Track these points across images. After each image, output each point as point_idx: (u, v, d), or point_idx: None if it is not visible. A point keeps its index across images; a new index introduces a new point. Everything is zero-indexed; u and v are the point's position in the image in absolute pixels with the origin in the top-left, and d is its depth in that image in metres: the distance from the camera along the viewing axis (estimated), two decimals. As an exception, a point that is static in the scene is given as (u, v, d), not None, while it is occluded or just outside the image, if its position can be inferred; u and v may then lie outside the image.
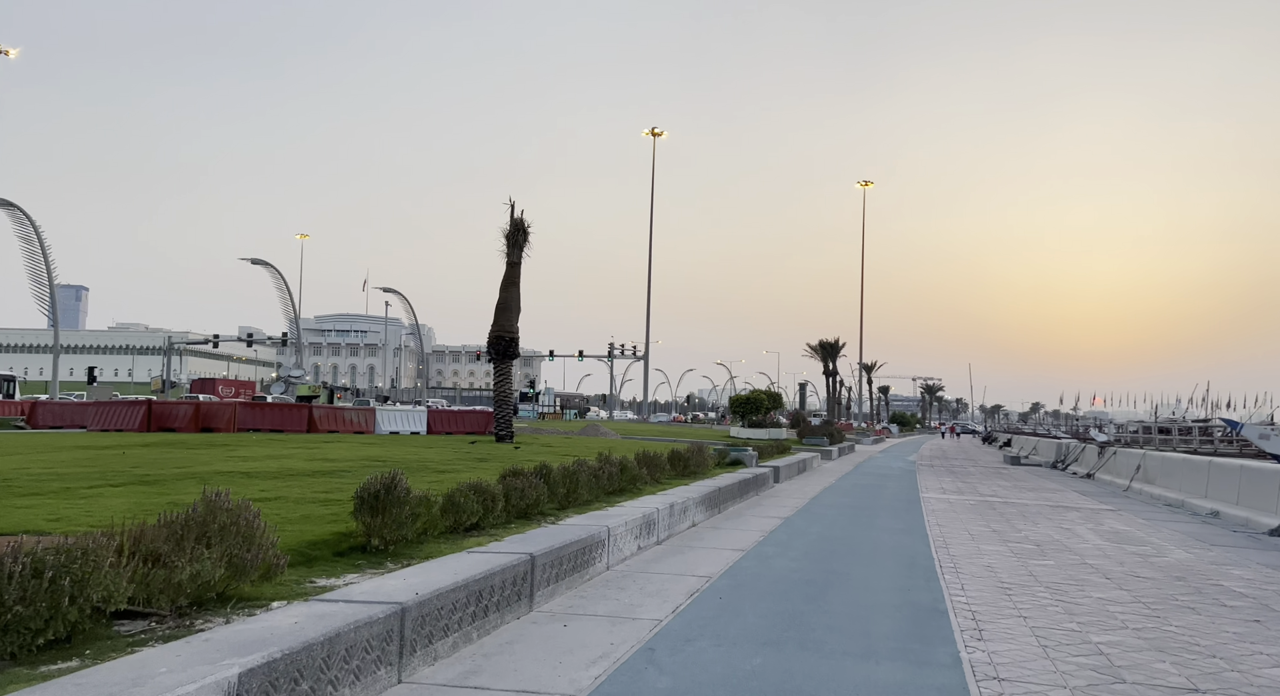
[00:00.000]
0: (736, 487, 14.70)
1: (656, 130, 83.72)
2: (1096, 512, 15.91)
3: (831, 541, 10.63)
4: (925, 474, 26.73)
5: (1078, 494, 20.43)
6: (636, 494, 11.45)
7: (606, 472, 10.75)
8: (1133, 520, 14.77)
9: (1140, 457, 22.73)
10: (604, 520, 8.50)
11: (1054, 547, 10.81)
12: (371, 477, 6.40)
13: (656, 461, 13.41)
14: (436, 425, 27.12)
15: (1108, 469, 26.19)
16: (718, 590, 7.32)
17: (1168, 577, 8.85)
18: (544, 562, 6.55)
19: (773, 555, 9.32)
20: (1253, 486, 15.45)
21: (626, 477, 11.59)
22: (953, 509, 15.50)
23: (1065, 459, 33.83)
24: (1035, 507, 16.38)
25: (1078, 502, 18.05)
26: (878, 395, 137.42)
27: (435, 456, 16.35)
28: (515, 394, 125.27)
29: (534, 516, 8.49)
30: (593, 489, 10.00)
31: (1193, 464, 18.87)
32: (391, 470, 6.52)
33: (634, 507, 9.76)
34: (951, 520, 13.61)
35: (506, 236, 23.18)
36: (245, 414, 23.68)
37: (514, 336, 23.01)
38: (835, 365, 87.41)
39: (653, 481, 13.22)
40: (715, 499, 12.86)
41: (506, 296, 23.08)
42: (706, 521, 12.01)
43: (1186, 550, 11.04)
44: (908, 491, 19.35)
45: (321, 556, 6.01)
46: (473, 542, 6.80)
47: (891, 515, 14.04)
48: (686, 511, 11.12)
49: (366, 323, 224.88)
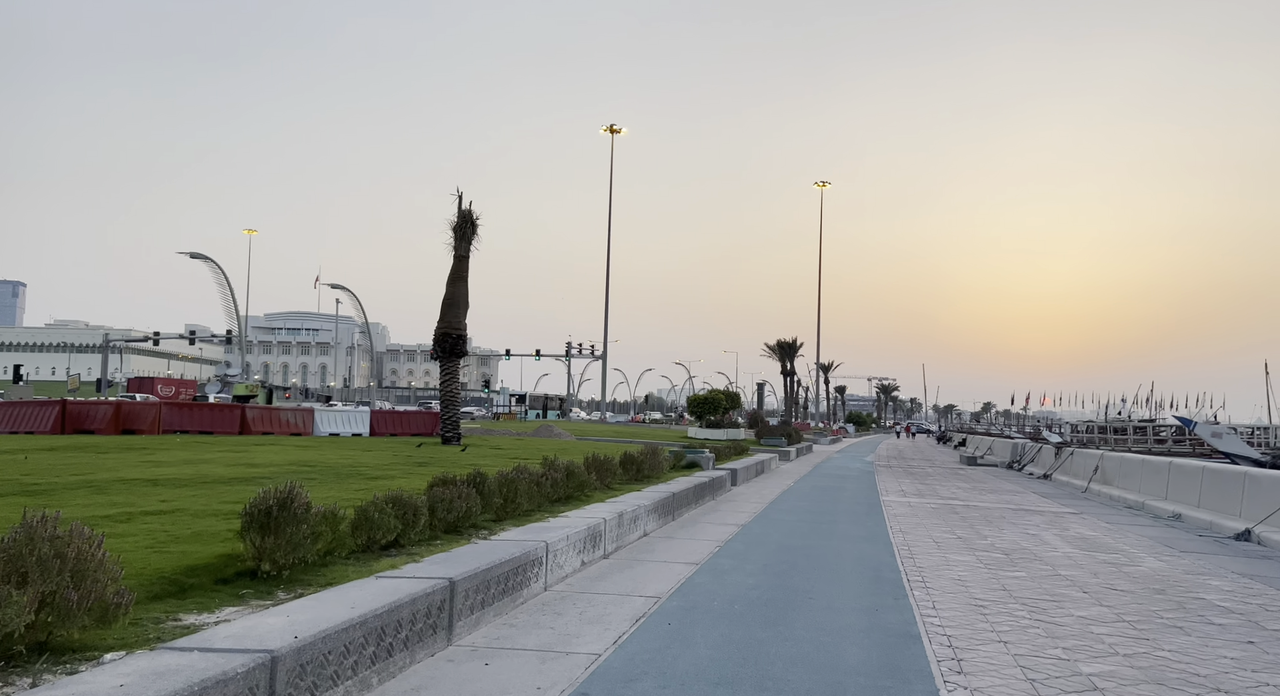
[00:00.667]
0: (692, 492, 13.98)
1: (615, 127, 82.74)
2: (1059, 516, 15.51)
3: (791, 552, 9.93)
4: (884, 475, 26.35)
5: (1037, 496, 20.13)
6: (584, 502, 10.64)
7: (550, 479, 9.91)
8: (1097, 524, 14.39)
9: (1098, 458, 22.58)
10: (543, 533, 7.68)
11: (1023, 556, 10.26)
12: (264, 491, 5.50)
13: (607, 466, 12.62)
14: (380, 427, 25.95)
15: (1065, 470, 26.09)
16: (667, 614, 6.55)
17: (1146, 590, 8.31)
18: (467, 587, 5.71)
19: (729, 569, 8.59)
20: (1215, 489, 15.20)
21: (573, 484, 10.77)
22: (915, 513, 14.97)
23: (1021, 459, 33.83)
24: (998, 511, 15.94)
25: (1039, 505, 17.69)
26: (834, 395, 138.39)
27: (371, 460, 15.34)
28: (475, 393, 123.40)
29: (465, 530, 7.64)
30: (534, 497, 9.16)
31: (1152, 465, 18.66)
32: (288, 483, 5.62)
33: (579, 518, 8.95)
34: (915, 526, 13.05)
35: (454, 229, 22.19)
36: (172, 415, 22.30)
37: (462, 333, 22.02)
38: (793, 365, 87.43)
39: (603, 487, 12.42)
40: (669, 505, 12.11)
41: (454, 292, 22.08)
42: (659, 530, 11.25)
43: (1158, 558, 10.58)
44: (868, 494, 18.83)
45: (199, 585, 5.09)
46: (386, 565, 5.93)
47: (853, 521, 13.44)
48: (637, 520, 10.35)
49: (319, 320, 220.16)
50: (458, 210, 22.25)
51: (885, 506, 16.13)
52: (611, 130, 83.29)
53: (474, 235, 22.21)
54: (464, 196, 22.10)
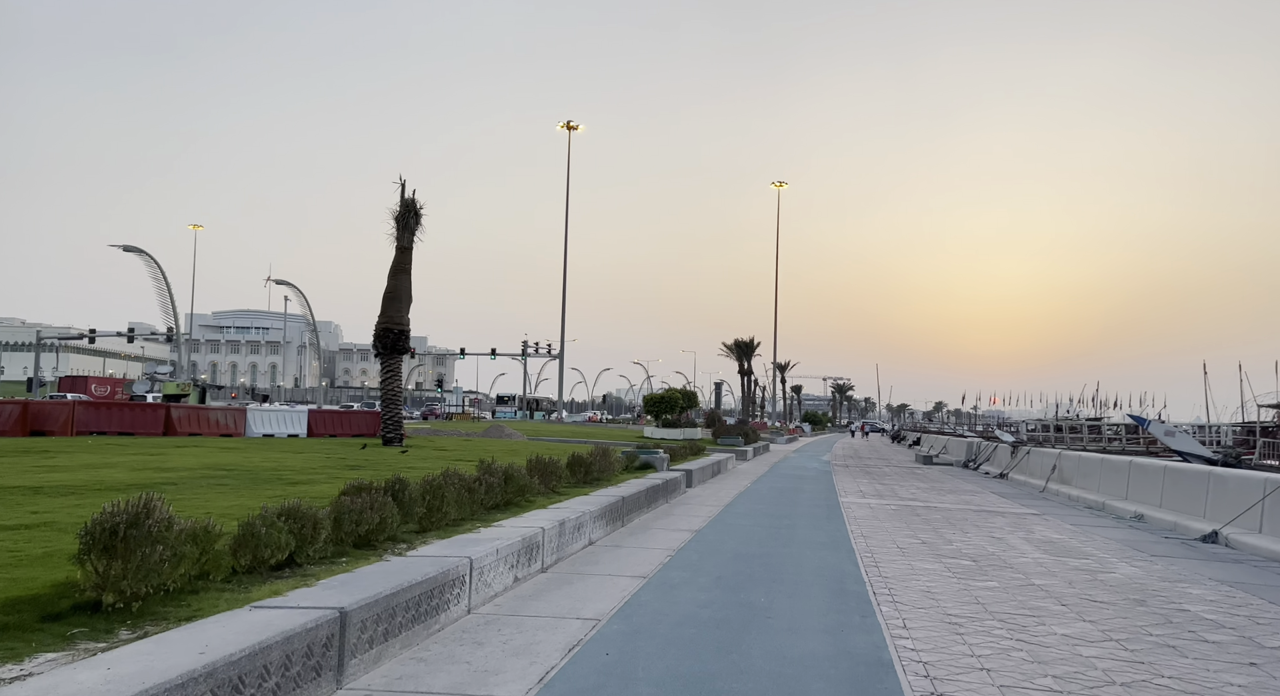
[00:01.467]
0: (644, 496, 13.17)
1: (572, 124, 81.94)
2: (1022, 518, 15.05)
3: (748, 561, 9.17)
4: (841, 475, 25.86)
5: (997, 496, 19.74)
6: (524, 508, 9.76)
7: (485, 484, 9.01)
8: (1061, 526, 13.92)
9: (1055, 458, 22.33)
10: (470, 547, 6.79)
11: (992, 564, 9.65)
12: (111, 504, 4.53)
13: (552, 468, 11.74)
14: (319, 427, 24.66)
15: (1021, 469, 25.88)
16: (606, 640, 5.71)
17: (1126, 601, 7.72)
18: (366, 617, 4.81)
19: (680, 583, 7.78)
20: (1177, 489, 14.86)
21: (512, 489, 9.88)
22: (875, 516, 14.36)
23: (976, 458, 33.72)
24: (959, 513, 15.43)
25: (999, 506, 17.26)
26: (791, 395, 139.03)
27: (299, 463, 14.26)
28: (430, 393, 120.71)
29: (379, 545, 6.71)
30: (465, 505, 8.25)
31: (1112, 464, 18.37)
32: (143, 494, 4.66)
33: (515, 527, 8.07)
34: (876, 529, 12.41)
35: (396, 219, 21.08)
36: (87, 415, 20.80)
37: (404, 328, 20.92)
38: (750, 364, 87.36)
39: (547, 492, 11.54)
40: (618, 511, 11.28)
41: (396, 285, 20.97)
42: (606, 538, 10.41)
43: (1130, 563, 10.05)
44: (826, 495, 18.23)
45: (18, 623, 4.11)
46: (267, 591, 4.99)
47: (812, 525, 12.75)
48: (581, 528, 9.49)
49: (269, 319, 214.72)
50: (400, 199, 21.16)
51: (845, 508, 15.51)
52: (569, 127, 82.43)
53: (418, 225, 21.13)
54: (406, 184, 20.99)
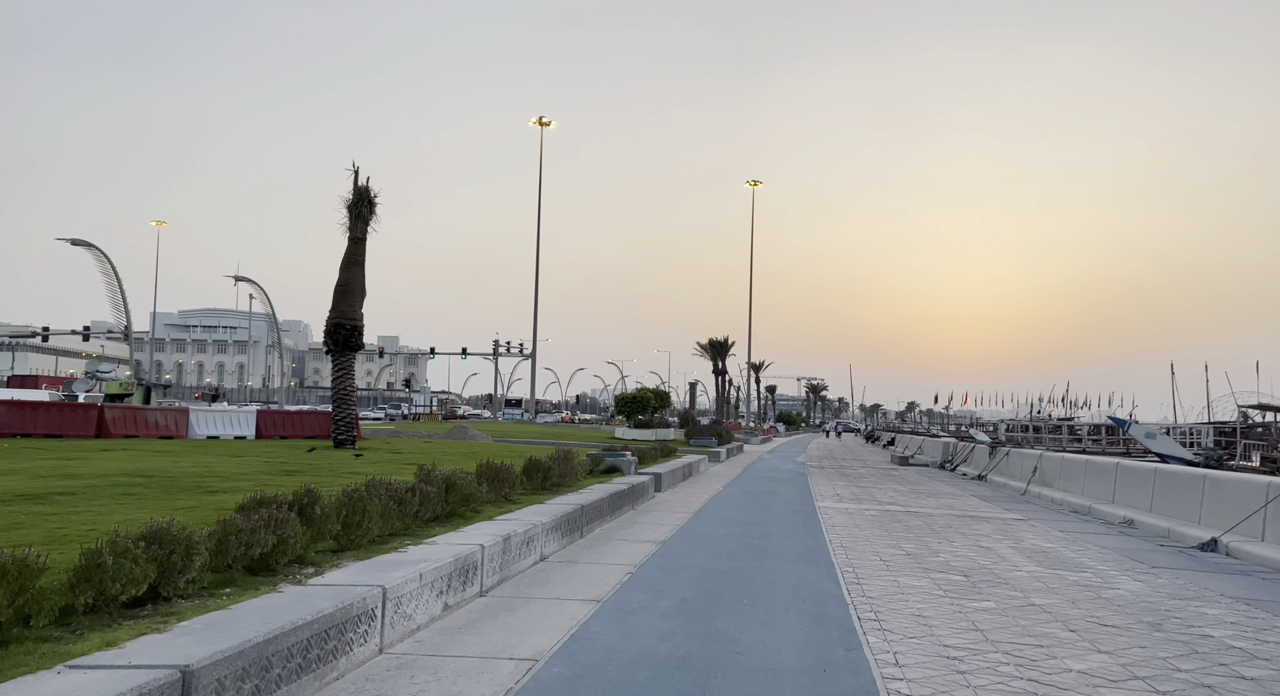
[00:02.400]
0: (607, 503, 12.18)
1: (544, 120, 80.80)
2: (1008, 524, 14.26)
3: (717, 579, 8.22)
4: (817, 477, 25.06)
5: (978, 500, 19.01)
6: (469, 520, 8.73)
7: (422, 494, 7.97)
8: (1050, 533, 13.15)
9: (1036, 459, 21.68)
10: (388, 571, 5.76)
11: (985, 579, 8.78)
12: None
13: (503, 474, 10.71)
14: (269, 428, 23.36)
15: (1000, 470, 25.25)
16: (541, 689, 4.72)
17: (1140, 625, 6.86)
18: (224, 675, 3.77)
19: (638, 608, 6.80)
20: (1169, 493, 14.16)
21: (456, 498, 8.84)
22: (854, 523, 13.50)
23: (953, 459, 33.13)
24: (942, 519, 14.61)
25: (982, 510, 16.49)
26: (765, 395, 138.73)
27: (233, 469, 13.11)
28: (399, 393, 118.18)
29: (281, 569, 5.66)
30: (393, 519, 7.21)
31: (1097, 467, 17.69)
32: None
33: (451, 544, 7.05)
34: (856, 538, 11.53)
35: (349, 207, 19.91)
36: (10, 415, 19.35)
37: (357, 324, 19.75)
38: (724, 364, 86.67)
39: (499, 501, 10.52)
40: (576, 521, 10.28)
41: (348, 277, 19.80)
42: (561, 552, 9.41)
43: (1132, 577, 9.24)
44: (801, 499, 17.36)
45: None
46: (98, 642, 3.93)
47: (788, 534, 11.84)
48: (532, 542, 8.48)
49: (237, 318, 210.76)
50: (354, 186, 19.98)
51: (822, 514, 14.64)
52: (541, 123, 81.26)
53: (372, 214, 19.97)
54: (359, 171, 19.82)
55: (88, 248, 40.36)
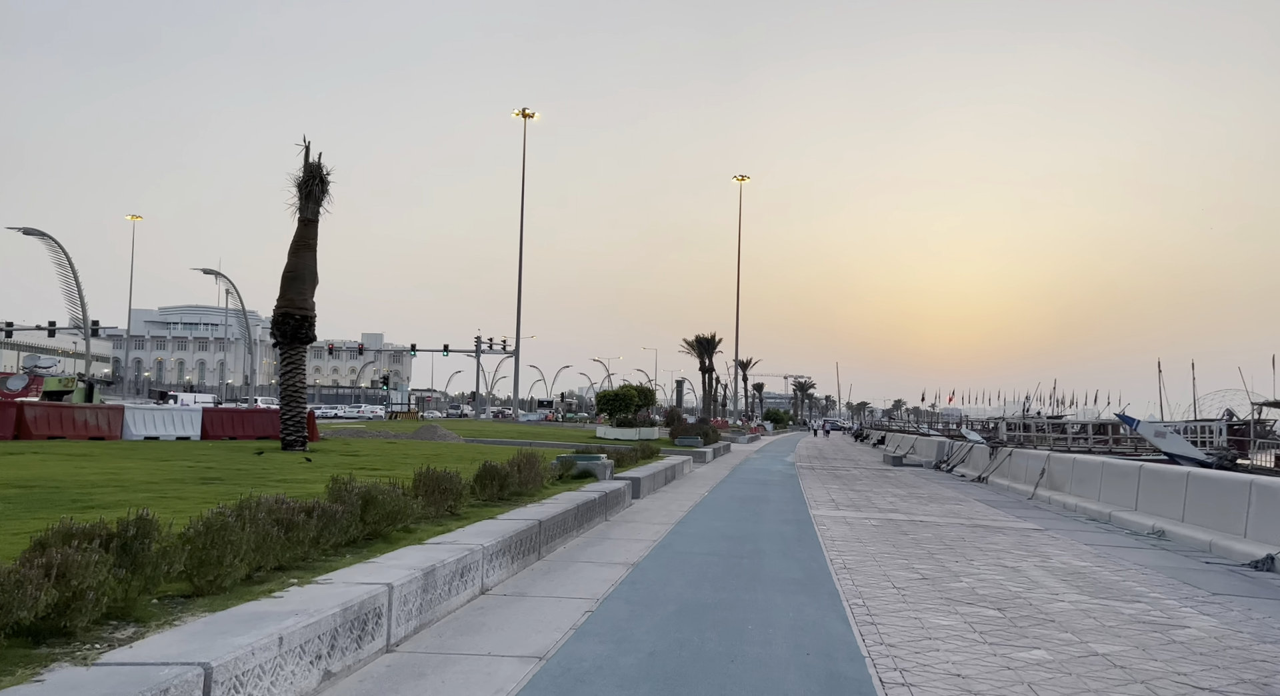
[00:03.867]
0: (573, 515, 10.56)
1: (527, 111, 79.11)
2: (1026, 535, 12.74)
3: (698, 618, 6.61)
4: (809, 479, 23.52)
5: (984, 505, 17.51)
6: (393, 543, 7.09)
7: (324, 515, 6.31)
8: (1075, 546, 11.64)
9: (1044, 460, 20.21)
10: (232, 634, 4.11)
11: (1024, 614, 7.22)
12: None
13: (448, 484, 9.05)
14: (216, 428, 21.56)
15: (1003, 472, 23.80)
16: None
17: (1242, 687, 5.31)
18: None
19: (591, 670, 5.18)
20: (1206, 501, 12.67)
21: (377, 517, 7.19)
22: (856, 536, 11.93)
23: (949, 459, 31.71)
24: (952, 530, 13.08)
25: (992, 518, 14.97)
26: (753, 393, 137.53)
27: (144, 476, 11.40)
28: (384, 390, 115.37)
29: (80, 631, 4.01)
30: (275, 550, 5.55)
31: (1118, 470, 16.20)
32: None
33: (348, 584, 5.41)
34: (861, 557, 9.96)
35: (299, 186, 18.17)
36: (-86, 414, 17.56)
37: (307, 313, 18.01)
38: (711, 361, 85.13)
39: (442, 516, 8.87)
40: (531, 540, 8.65)
41: (297, 262, 18.06)
42: (510, 581, 7.78)
43: (1197, 609, 7.70)
44: (794, 506, 15.80)
45: None
46: None
47: (782, 551, 10.25)
48: (468, 572, 6.85)
49: (219, 315, 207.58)
50: (304, 164, 18.24)
51: (818, 524, 13.07)
52: (524, 114, 79.55)
53: (324, 194, 18.24)
54: (310, 147, 18.08)
55: (41, 237, 38.29)
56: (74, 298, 38.33)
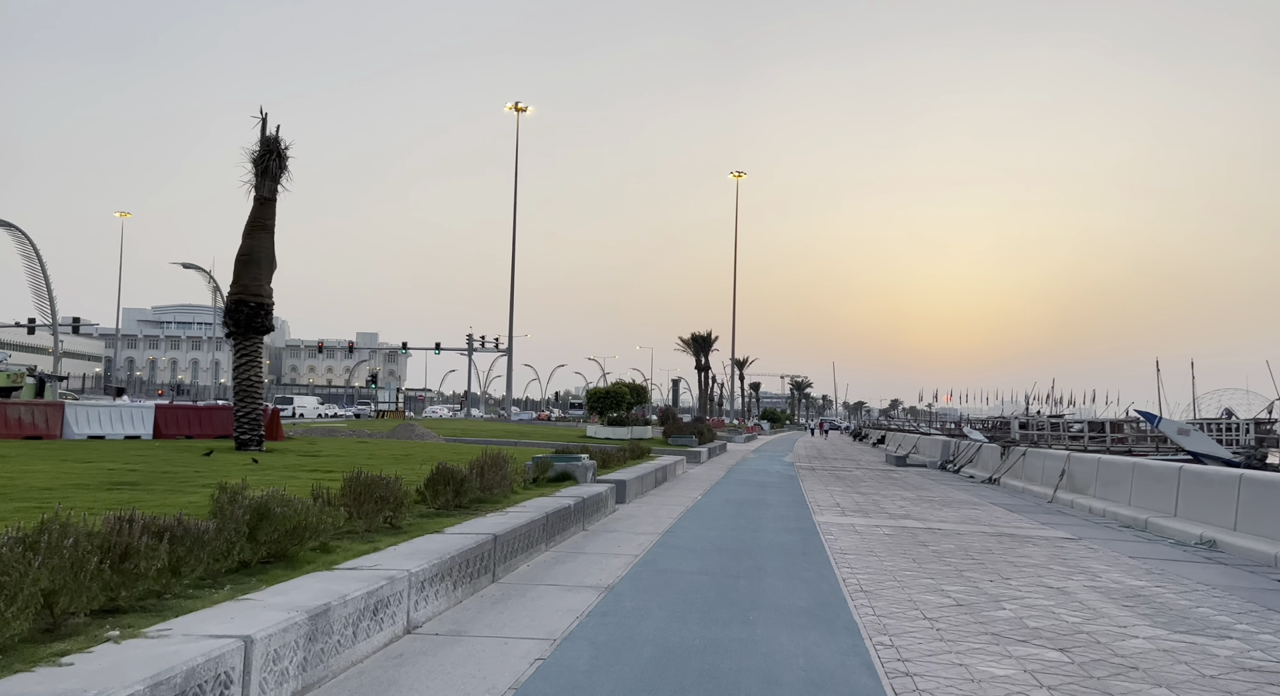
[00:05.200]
0: (541, 527, 9.03)
1: (520, 105, 77.44)
2: (1059, 546, 11.25)
3: (680, 670, 5.09)
4: (810, 481, 22.02)
5: (1003, 510, 16.03)
6: (295, 569, 5.57)
7: (189, 539, 4.77)
8: (1119, 559, 10.14)
9: (1064, 461, 18.73)
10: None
11: (1093, 656, 5.71)
12: None
13: (383, 491, 7.52)
14: (169, 426, 19.98)
15: (1016, 473, 22.33)
16: None
17: None
18: None
19: (526, 759, 3.65)
20: (1263, 507, 11.18)
21: (276, 536, 5.66)
22: (869, 547, 10.43)
23: (955, 459, 30.25)
24: (975, 539, 11.58)
25: (1016, 525, 13.48)
26: (749, 392, 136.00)
27: (46, 480, 9.86)
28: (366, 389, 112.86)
29: None
30: (84, 591, 4.01)
31: (1152, 472, 14.71)
32: None
33: (187, 637, 3.88)
34: (878, 574, 8.46)
35: (254, 162, 16.62)
36: None
37: (263, 300, 16.44)
38: (707, 360, 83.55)
39: (378, 530, 7.35)
40: (481, 559, 7.12)
41: (253, 245, 16.49)
42: (449, 614, 6.25)
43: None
44: (796, 511, 14.29)
45: None
46: None
47: (785, 569, 8.73)
48: (384, 608, 5.32)
49: (211, 314, 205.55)
50: (261, 138, 16.68)
51: (824, 533, 11.57)
52: (517, 108, 77.82)
53: (282, 171, 16.69)
54: (268, 118, 16.51)
55: (7, 228, 36.68)
56: (42, 291, 36.73)
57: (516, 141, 73.28)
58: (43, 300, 36.38)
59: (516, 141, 73.28)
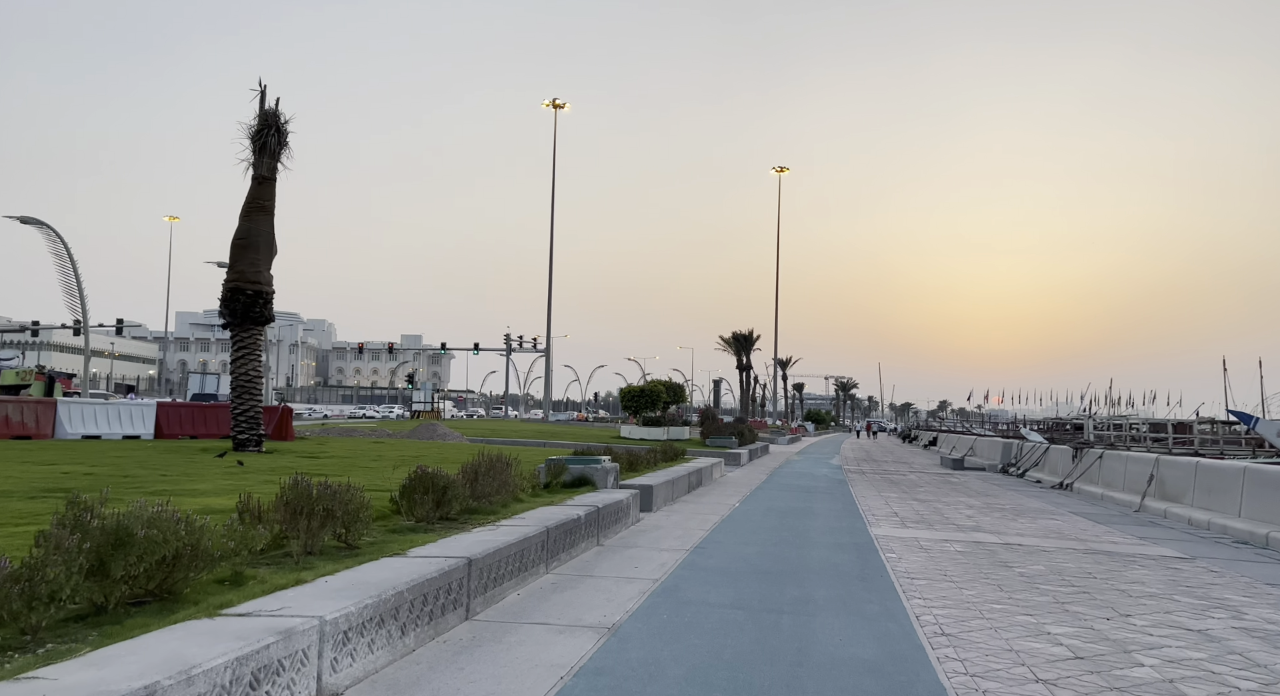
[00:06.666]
0: (537, 544, 7.43)
1: (558, 102, 76.39)
2: (1172, 568, 9.29)
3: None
4: (860, 486, 20.13)
5: (1086, 520, 14.02)
6: (169, 613, 4.03)
7: None
8: (1263, 590, 8.19)
9: (1152, 465, 16.58)
10: None
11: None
12: None
13: (330, 503, 5.97)
14: (172, 425, 18.85)
15: (1091, 478, 20.15)
16: None
17: None
18: None
19: None
20: None
21: (135, 567, 4.12)
22: (940, 569, 8.61)
23: (1018, 462, 28.00)
24: (1066, 558, 9.67)
25: (1109, 539, 11.51)
26: (792, 393, 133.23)
27: (14, 484, 8.54)
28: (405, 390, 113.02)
29: None
30: None
31: (1268, 478, 12.59)
32: None
33: None
34: (961, 611, 6.67)
35: (252, 138, 15.34)
36: None
37: (261, 288, 15.13)
38: (749, 359, 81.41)
39: (324, 552, 5.81)
40: (443, 594, 5.51)
41: (250, 227, 15.20)
42: (387, 671, 4.65)
43: None
44: (849, 522, 12.49)
45: None
46: None
47: (841, 603, 6.98)
48: (274, 678, 3.73)
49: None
50: (259, 111, 15.39)
51: (884, 550, 9.78)
52: (554, 105, 76.79)
53: (282, 147, 15.39)
54: (266, 91, 15.21)
55: (39, 227, 36.37)
56: (73, 290, 36.37)
57: (554, 137, 72.27)
58: (74, 299, 36.06)
59: (554, 137, 72.27)
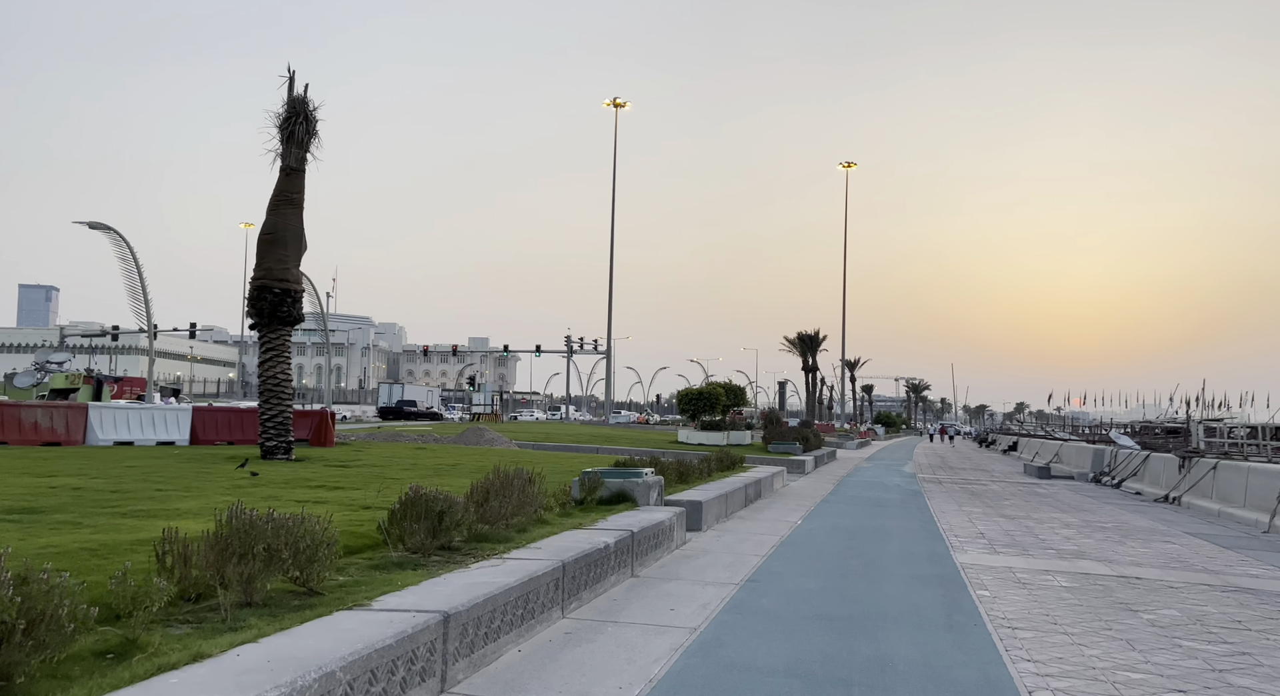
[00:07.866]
0: (548, 584, 6.16)
1: (619, 101, 75.42)
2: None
3: None
4: (938, 497, 18.35)
5: (1208, 543, 12.10)
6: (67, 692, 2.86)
7: None
8: None
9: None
10: None
11: None
12: None
13: (274, 540, 4.80)
14: (207, 431, 18.26)
15: (1203, 491, 17.95)
16: None
17: None
18: None
19: None
20: None
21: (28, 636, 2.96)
22: (1049, 615, 7.02)
23: (1112, 470, 25.63)
24: (1200, 596, 7.93)
25: (1243, 570, 9.66)
26: (861, 394, 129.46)
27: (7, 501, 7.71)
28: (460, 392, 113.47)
29: None
30: None
31: None
32: None
33: None
34: (1086, 683, 5.13)
35: (280, 127, 14.53)
36: None
37: (289, 286, 14.30)
38: (815, 360, 78.92)
39: (275, 600, 4.65)
40: (404, 665, 4.26)
41: (278, 221, 14.39)
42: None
43: None
44: (929, 546, 10.89)
45: None
46: None
47: (926, 669, 5.50)
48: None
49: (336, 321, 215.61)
50: (288, 99, 14.58)
51: (974, 585, 8.21)
52: (615, 104, 75.75)
53: (311, 137, 14.56)
54: (295, 77, 14.39)
55: (106, 231, 37.03)
56: (138, 294, 36.90)
57: (615, 137, 71.33)
58: (138, 303, 36.57)
59: (615, 137, 71.33)
